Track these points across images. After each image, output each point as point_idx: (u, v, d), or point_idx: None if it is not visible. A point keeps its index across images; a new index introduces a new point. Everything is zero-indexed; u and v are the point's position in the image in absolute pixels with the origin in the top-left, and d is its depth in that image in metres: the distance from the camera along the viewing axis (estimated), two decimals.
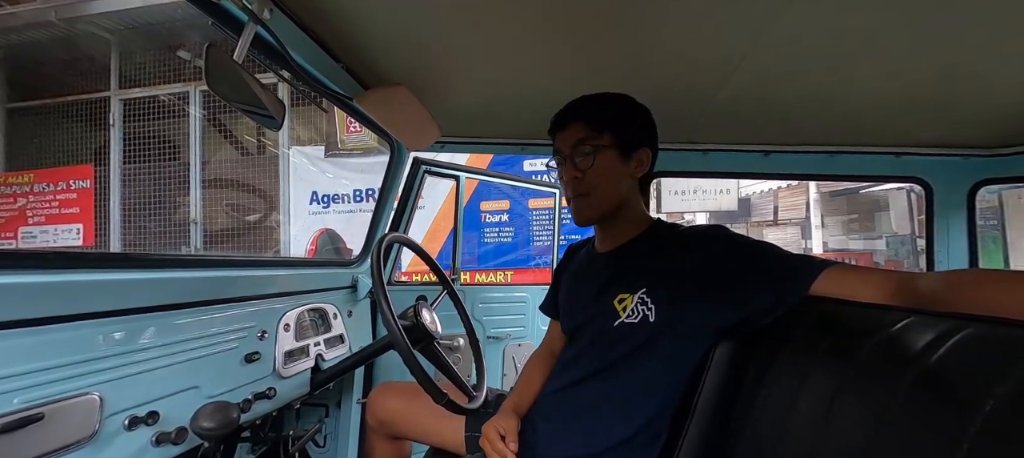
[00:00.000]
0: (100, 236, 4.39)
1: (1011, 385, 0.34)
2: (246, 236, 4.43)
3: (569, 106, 0.83)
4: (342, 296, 1.36)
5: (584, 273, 0.90)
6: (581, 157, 0.79)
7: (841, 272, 0.61)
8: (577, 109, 0.82)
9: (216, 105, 4.31)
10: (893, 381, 0.42)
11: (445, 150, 1.49)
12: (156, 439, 0.72)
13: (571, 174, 0.80)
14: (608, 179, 0.79)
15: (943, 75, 0.89)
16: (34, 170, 4.56)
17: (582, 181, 0.79)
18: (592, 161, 0.78)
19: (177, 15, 3.93)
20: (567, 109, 0.83)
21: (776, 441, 0.54)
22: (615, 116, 0.81)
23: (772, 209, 6.95)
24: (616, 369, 0.76)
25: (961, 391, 0.37)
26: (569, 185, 0.82)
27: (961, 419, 0.35)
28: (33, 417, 0.58)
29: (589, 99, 0.83)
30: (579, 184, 0.80)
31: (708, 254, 0.72)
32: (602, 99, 0.82)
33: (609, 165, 0.79)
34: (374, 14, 0.75)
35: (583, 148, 0.79)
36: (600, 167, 0.78)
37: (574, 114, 0.81)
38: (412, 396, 1.03)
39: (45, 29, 4.02)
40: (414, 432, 1.02)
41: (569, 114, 0.82)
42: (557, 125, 0.84)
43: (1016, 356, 0.35)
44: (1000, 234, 3.79)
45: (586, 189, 0.80)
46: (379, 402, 1.06)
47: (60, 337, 0.63)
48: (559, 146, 0.83)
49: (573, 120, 0.81)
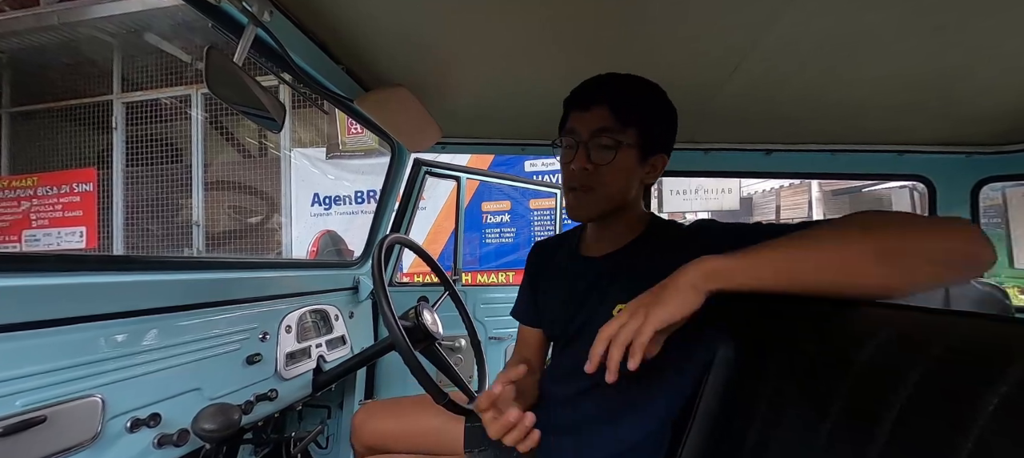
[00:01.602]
0: (103, 239, 4.41)
1: (1011, 385, 0.34)
2: (248, 238, 4.44)
3: (595, 83, 0.72)
4: (344, 297, 1.36)
5: (570, 276, 0.82)
6: (599, 149, 0.69)
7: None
8: (605, 90, 0.71)
9: (218, 108, 4.32)
10: (894, 381, 0.41)
11: (446, 151, 1.50)
12: (158, 441, 0.73)
13: (582, 163, 0.70)
14: (620, 179, 0.71)
15: (945, 73, 0.89)
16: (37, 173, 4.59)
17: (591, 175, 0.70)
18: (612, 156, 0.69)
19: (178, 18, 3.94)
20: (593, 86, 0.72)
21: (778, 443, 0.54)
22: (644, 111, 0.71)
23: (774, 208, 6.94)
24: (622, 377, 0.73)
25: (965, 390, 0.37)
26: (575, 175, 0.71)
27: (966, 417, 0.35)
28: (36, 419, 0.58)
29: (619, 80, 0.72)
30: (587, 176, 0.71)
31: (703, 248, 0.69)
32: (634, 85, 0.72)
33: (626, 165, 0.71)
34: (374, 16, 0.75)
35: (604, 140, 0.69)
36: (617, 165, 0.70)
37: (600, 95, 0.70)
38: (400, 412, 1.00)
39: (48, 33, 4.04)
40: (409, 447, 0.97)
41: (594, 93, 0.71)
42: (577, 102, 0.72)
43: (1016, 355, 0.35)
44: (1004, 232, 3.77)
45: (593, 184, 0.71)
46: (366, 427, 0.99)
47: (62, 339, 0.63)
48: (575, 126, 0.72)
49: (598, 103, 0.70)
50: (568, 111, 0.75)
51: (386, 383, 1.61)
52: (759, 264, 0.52)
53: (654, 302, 0.54)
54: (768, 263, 0.52)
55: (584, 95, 0.72)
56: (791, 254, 0.52)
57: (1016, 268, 3.45)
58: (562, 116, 0.77)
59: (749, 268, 0.52)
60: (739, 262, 0.52)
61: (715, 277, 0.52)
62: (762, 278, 0.51)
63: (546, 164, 4.10)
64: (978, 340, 0.39)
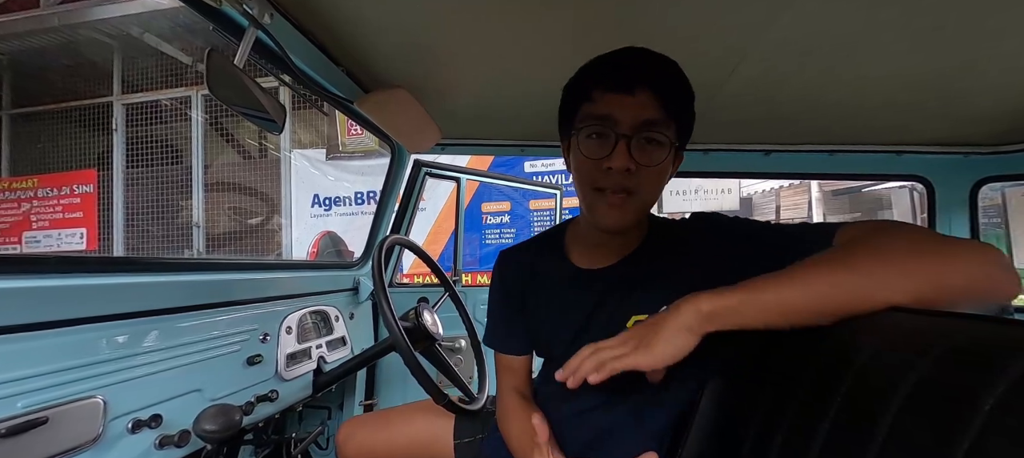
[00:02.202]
0: (103, 240, 4.41)
1: (1009, 385, 0.34)
2: (248, 239, 4.45)
3: (634, 60, 0.59)
4: (344, 298, 1.36)
5: (568, 290, 0.73)
6: (645, 145, 0.58)
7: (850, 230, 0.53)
8: (650, 73, 0.58)
9: (218, 109, 4.33)
10: (894, 381, 0.42)
11: (446, 152, 1.50)
12: (159, 442, 0.73)
13: (625, 162, 0.57)
14: (659, 186, 0.62)
15: (944, 73, 0.89)
16: (38, 175, 4.59)
17: (634, 175, 0.58)
18: (662, 156, 0.58)
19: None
20: (634, 64, 0.58)
21: (777, 443, 0.54)
22: (684, 105, 0.61)
23: (774, 208, 6.93)
24: (632, 389, 0.67)
25: (964, 390, 0.37)
26: (614, 175, 0.58)
27: (965, 417, 0.35)
28: (37, 421, 0.58)
29: (662, 63, 0.59)
30: (630, 178, 0.58)
31: (709, 246, 0.66)
32: (673, 70, 0.59)
33: (665, 167, 0.61)
34: (374, 17, 0.75)
35: (653, 134, 0.57)
36: (664, 167, 0.60)
37: (646, 78, 0.57)
38: (385, 424, 0.97)
39: (48, 35, 4.05)
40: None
41: (640, 75, 0.57)
42: (618, 83, 0.57)
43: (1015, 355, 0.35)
44: (1003, 232, 3.78)
45: (632, 187, 0.59)
46: (351, 444, 0.95)
47: (64, 341, 0.63)
48: (612, 114, 0.57)
49: (644, 87, 0.56)
50: (598, 92, 0.59)
51: (386, 384, 1.61)
52: (759, 307, 0.48)
53: (642, 344, 0.51)
54: (773, 307, 0.48)
55: (628, 76, 0.57)
56: (791, 294, 0.48)
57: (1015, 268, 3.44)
58: (579, 98, 0.62)
59: (749, 312, 0.49)
60: (737, 302, 0.49)
61: (712, 319, 0.50)
62: (767, 320, 0.48)
63: (546, 165, 4.11)
64: (977, 340, 0.39)
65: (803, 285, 0.47)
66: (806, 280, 0.48)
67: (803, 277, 0.48)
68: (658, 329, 0.51)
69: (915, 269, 0.45)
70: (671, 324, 0.51)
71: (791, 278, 0.48)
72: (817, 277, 0.47)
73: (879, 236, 0.50)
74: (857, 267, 0.47)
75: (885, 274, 0.45)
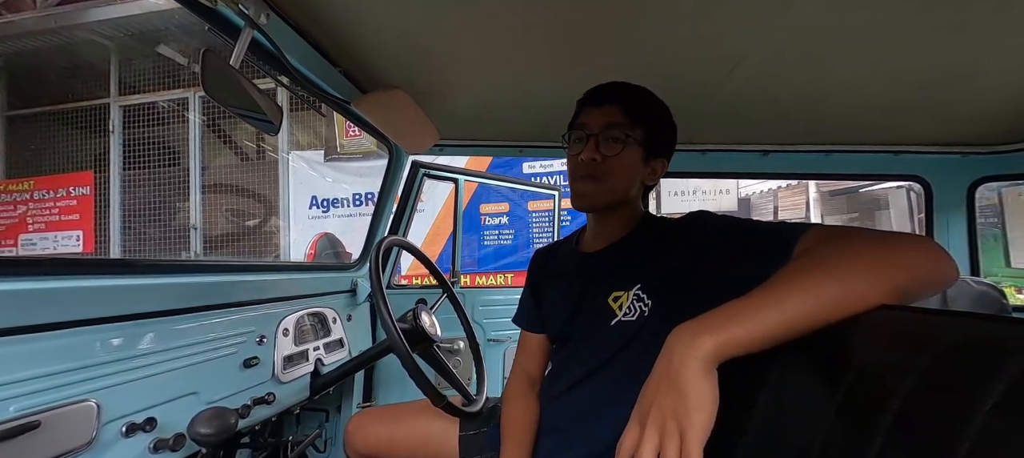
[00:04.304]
0: (100, 242, 4.39)
1: (1008, 383, 0.34)
2: (246, 241, 4.43)
3: (609, 85, 0.79)
4: (341, 300, 1.36)
5: (570, 274, 0.86)
6: (609, 141, 0.74)
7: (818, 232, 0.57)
8: (617, 92, 0.77)
9: (215, 111, 4.32)
10: (893, 381, 0.41)
11: (444, 153, 1.50)
12: (154, 445, 0.72)
13: (591, 154, 0.75)
14: (625, 174, 0.76)
15: (941, 73, 0.89)
16: (34, 177, 4.57)
17: (599, 166, 0.75)
18: (620, 149, 0.74)
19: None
20: (607, 87, 0.79)
21: (776, 443, 0.54)
22: (651, 116, 0.78)
23: (772, 209, 6.95)
24: (615, 366, 0.74)
25: (963, 389, 0.37)
26: (584, 164, 0.75)
27: (964, 416, 0.35)
28: (30, 424, 0.57)
29: (629, 87, 0.79)
30: (595, 167, 0.75)
31: (695, 239, 0.71)
32: (642, 93, 0.79)
33: (632, 161, 0.76)
34: (371, 18, 0.75)
35: (615, 132, 0.74)
36: (625, 159, 0.75)
37: (613, 95, 0.77)
38: (395, 418, 1.00)
39: (45, 37, 4.03)
40: (403, 454, 0.98)
41: (608, 93, 0.77)
42: (591, 99, 0.79)
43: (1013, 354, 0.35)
44: (1000, 232, 3.79)
45: (600, 174, 0.75)
46: (359, 434, 1.00)
47: (57, 344, 0.63)
48: (586, 121, 0.77)
49: (611, 101, 0.76)
50: (580, 109, 0.80)
51: (384, 386, 1.61)
52: (758, 330, 0.49)
53: (682, 408, 0.45)
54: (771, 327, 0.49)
55: (598, 93, 0.78)
56: (786, 308, 0.49)
57: (1013, 267, 3.46)
58: (573, 115, 0.82)
59: (750, 337, 0.49)
60: (738, 333, 0.49)
61: (720, 353, 0.48)
62: (770, 338, 0.49)
63: (544, 166, 4.11)
64: (976, 339, 0.39)
65: (790, 301, 0.49)
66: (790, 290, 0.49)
67: (785, 290, 0.50)
68: (684, 387, 0.46)
69: (881, 270, 0.48)
70: (688, 376, 0.46)
71: (775, 298, 0.49)
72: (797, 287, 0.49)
73: (837, 243, 0.52)
74: (840, 277, 0.49)
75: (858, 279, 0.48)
